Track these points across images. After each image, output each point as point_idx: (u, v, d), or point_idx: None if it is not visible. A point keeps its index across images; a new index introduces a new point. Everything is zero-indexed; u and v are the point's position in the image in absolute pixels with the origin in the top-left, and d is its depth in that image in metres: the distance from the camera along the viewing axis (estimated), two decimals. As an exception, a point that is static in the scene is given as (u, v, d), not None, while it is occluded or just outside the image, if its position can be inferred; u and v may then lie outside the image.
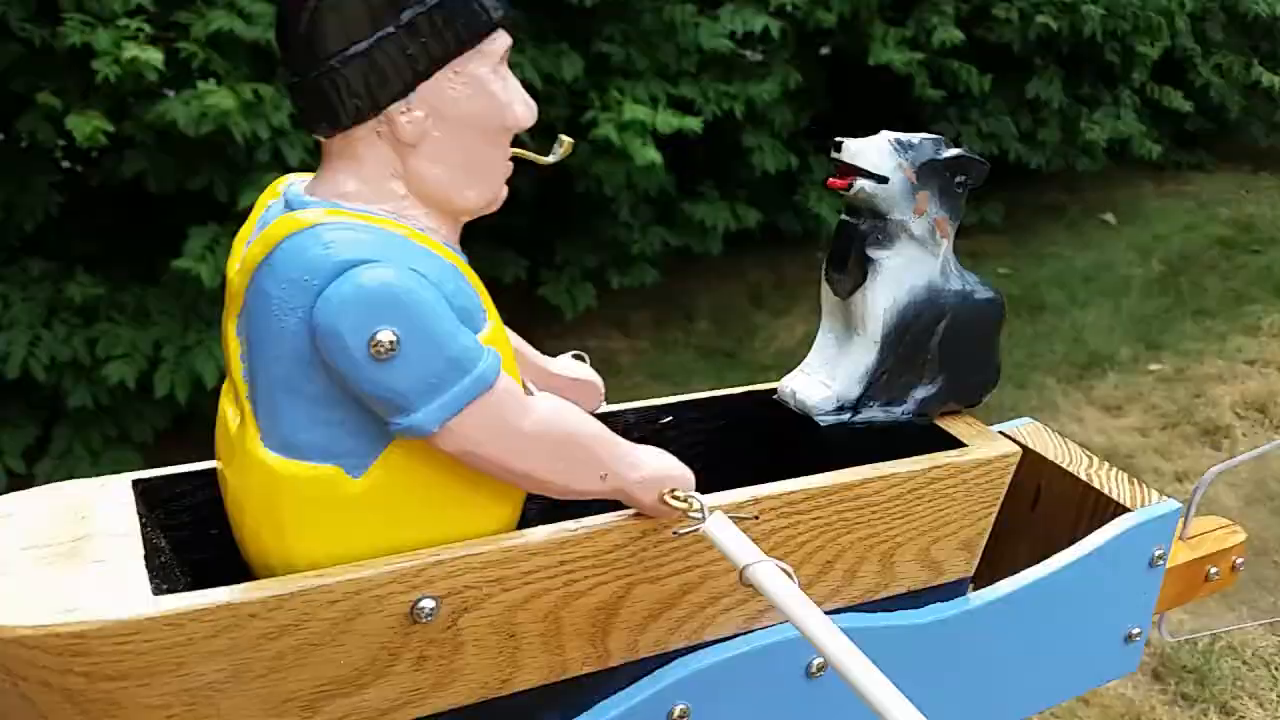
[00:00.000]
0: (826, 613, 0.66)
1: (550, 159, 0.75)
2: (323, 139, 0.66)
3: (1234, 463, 1.24)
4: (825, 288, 0.88)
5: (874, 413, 0.86)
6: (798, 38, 4.12)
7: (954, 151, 0.86)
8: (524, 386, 0.69)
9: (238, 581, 0.63)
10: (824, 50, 4.79)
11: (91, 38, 2.25)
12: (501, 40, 0.66)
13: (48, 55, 2.42)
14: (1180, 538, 1.07)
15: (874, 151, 0.84)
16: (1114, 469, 1.01)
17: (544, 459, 0.67)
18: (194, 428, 3.10)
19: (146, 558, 0.64)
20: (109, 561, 0.63)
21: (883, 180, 0.83)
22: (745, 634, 0.79)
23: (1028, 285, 4.43)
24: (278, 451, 0.65)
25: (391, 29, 0.62)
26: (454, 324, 0.63)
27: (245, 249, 0.65)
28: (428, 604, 0.65)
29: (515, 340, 0.78)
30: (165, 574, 0.65)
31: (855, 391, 0.85)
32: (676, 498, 0.70)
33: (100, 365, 2.57)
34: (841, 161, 0.84)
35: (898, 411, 0.87)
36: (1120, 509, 0.96)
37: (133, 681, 0.60)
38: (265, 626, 0.62)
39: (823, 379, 0.86)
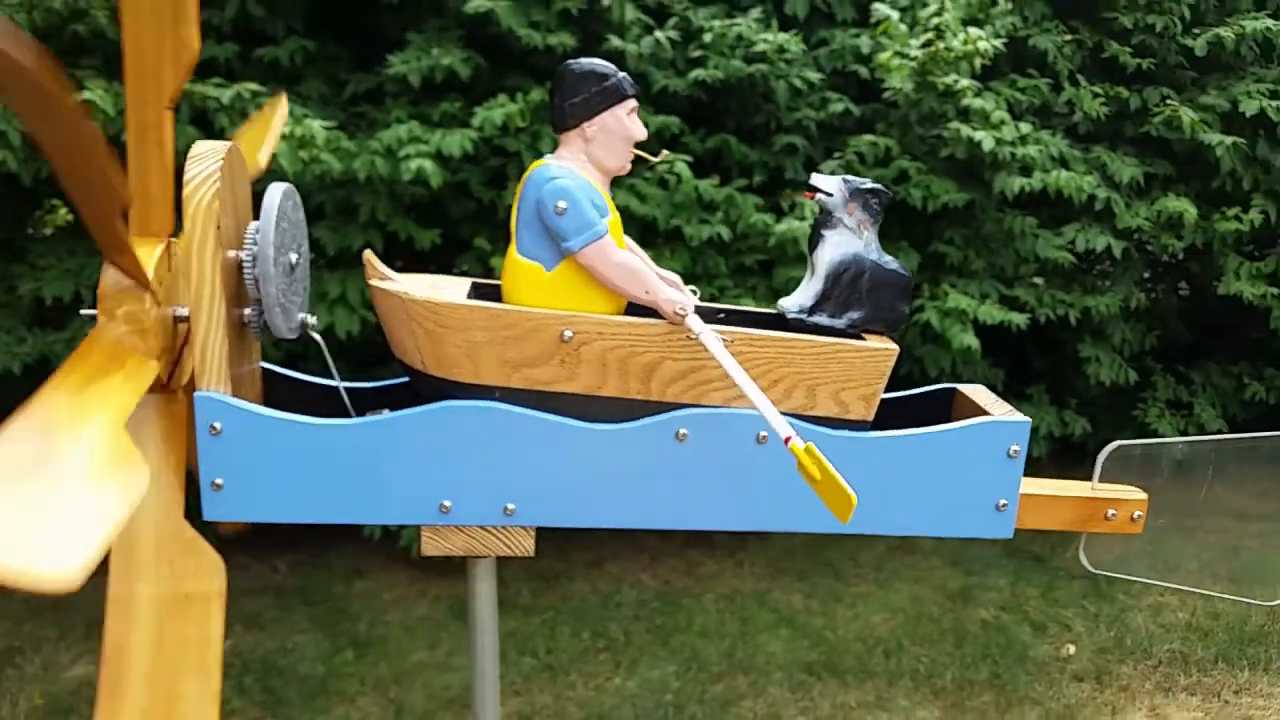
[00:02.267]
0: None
1: (654, 158, 1.44)
2: (559, 133, 1.37)
3: (1138, 443, 1.62)
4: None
5: (821, 319, 1.42)
6: (1146, 260, 4.19)
7: (869, 185, 1.45)
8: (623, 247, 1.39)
9: None
10: (1180, 284, 4.80)
11: (524, 199, 2.93)
12: (633, 102, 1.38)
13: (491, 210, 3.14)
14: (1092, 487, 1.56)
15: (828, 180, 1.43)
16: (1011, 410, 1.45)
17: (619, 278, 1.33)
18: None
19: (468, 295, 1.38)
20: (449, 291, 1.35)
21: (829, 194, 1.44)
22: (725, 407, 1.37)
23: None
24: (519, 253, 1.34)
25: (585, 96, 1.34)
26: (590, 206, 1.31)
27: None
28: (568, 333, 1.31)
29: (637, 249, 1.45)
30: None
31: (809, 303, 1.45)
32: (679, 310, 1.32)
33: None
34: (809, 184, 1.46)
35: (838, 321, 1.43)
36: None
37: (449, 331, 1.30)
38: (500, 323, 1.30)
39: (796, 295, 1.45)
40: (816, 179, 1.45)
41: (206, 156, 1.20)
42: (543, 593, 3.46)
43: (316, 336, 1.40)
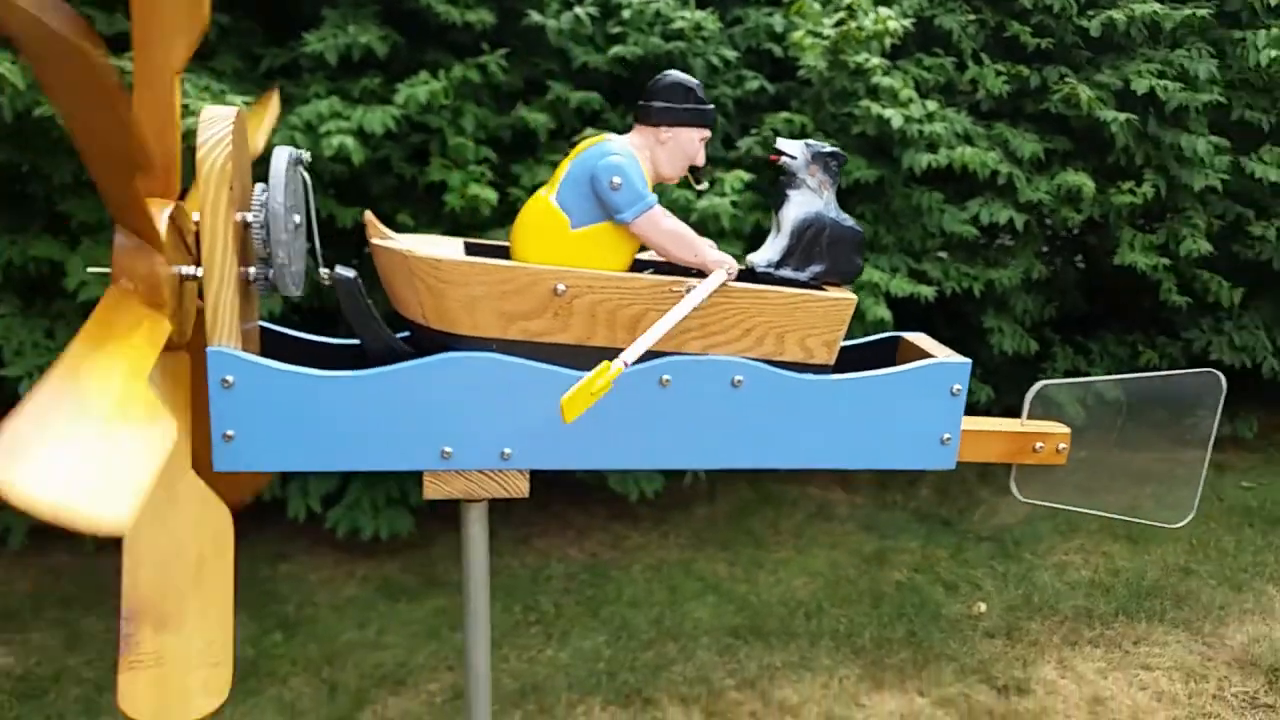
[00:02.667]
0: (750, 359, 1.46)
1: (697, 185, 1.63)
2: (638, 123, 1.47)
3: (1064, 382, 1.77)
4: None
5: (787, 272, 1.54)
6: (1046, 233, 4.37)
7: (828, 149, 1.57)
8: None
9: None
10: (1077, 257, 5.01)
11: (447, 176, 2.92)
12: (708, 132, 1.50)
13: (412, 187, 3.12)
14: (1021, 422, 1.71)
15: (792, 144, 1.55)
16: (952, 353, 1.60)
17: (670, 243, 1.44)
18: (454, 505, 3.64)
19: (464, 252, 1.48)
20: (447, 249, 1.45)
21: (793, 157, 1.55)
22: (702, 355, 1.48)
23: (1267, 499, 4.34)
24: (555, 199, 1.43)
25: (679, 106, 1.46)
26: (643, 182, 1.42)
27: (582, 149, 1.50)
28: (561, 287, 1.39)
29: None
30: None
31: (776, 258, 1.56)
32: (729, 271, 1.43)
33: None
34: (776, 148, 1.57)
35: (802, 275, 1.55)
36: None
37: (450, 286, 1.36)
38: (497, 278, 1.37)
39: (763, 251, 1.57)
40: (781, 143, 1.58)
41: (218, 120, 1.24)
42: (470, 570, 3.47)
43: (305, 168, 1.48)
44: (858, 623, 3.28)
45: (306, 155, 1.44)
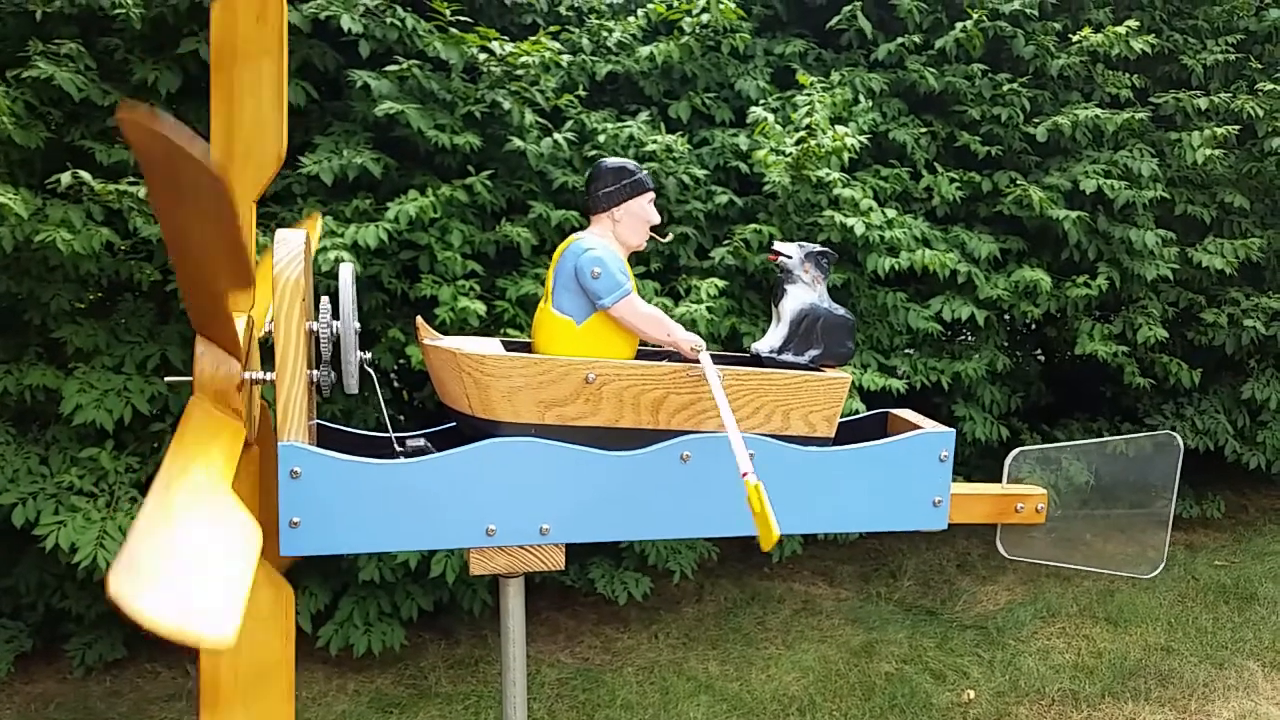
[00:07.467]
0: (760, 434, 1.63)
1: (663, 239, 1.97)
2: (591, 215, 1.67)
3: (1038, 448, 1.92)
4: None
5: (789, 357, 1.71)
6: (1007, 328, 4.54)
7: (818, 249, 1.73)
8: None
9: None
10: (1037, 350, 5.19)
11: (438, 291, 3.05)
12: (652, 194, 1.69)
13: (402, 303, 3.25)
14: (1003, 486, 1.85)
15: (788, 245, 1.73)
16: (937, 424, 1.74)
17: (646, 325, 1.61)
18: (445, 616, 3.66)
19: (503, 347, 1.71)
20: (488, 346, 1.60)
21: (789, 256, 1.74)
22: (717, 432, 1.62)
23: (1240, 578, 4.43)
24: (555, 309, 1.63)
25: (616, 187, 1.61)
26: (621, 270, 1.63)
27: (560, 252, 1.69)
28: (591, 375, 1.56)
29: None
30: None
31: (778, 344, 1.73)
32: (695, 347, 1.62)
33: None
34: (774, 250, 1.74)
35: (802, 359, 1.71)
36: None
37: (493, 378, 1.53)
38: (535, 370, 1.54)
39: (766, 339, 1.73)
40: (778, 245, 1.79)
41: (290, 240, 1.37)
42: (463, 679, 3.48)
43: (372, 372, 1.66)
44: (851, 716, 3.31)
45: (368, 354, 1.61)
